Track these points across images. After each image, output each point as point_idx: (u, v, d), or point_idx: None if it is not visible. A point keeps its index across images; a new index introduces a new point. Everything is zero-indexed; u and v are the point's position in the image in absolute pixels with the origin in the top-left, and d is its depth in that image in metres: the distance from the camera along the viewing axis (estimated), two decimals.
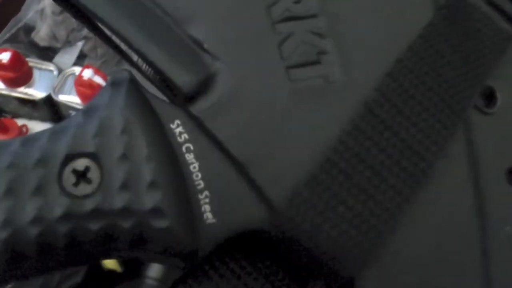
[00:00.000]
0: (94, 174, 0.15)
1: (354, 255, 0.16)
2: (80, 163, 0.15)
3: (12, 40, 0.54)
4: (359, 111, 0.16)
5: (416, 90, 0.17)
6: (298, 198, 0.16)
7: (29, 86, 0.50)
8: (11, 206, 0.14)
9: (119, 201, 0.15)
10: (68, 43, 0.55)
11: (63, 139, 0.15)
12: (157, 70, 0.16)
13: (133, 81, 0.16)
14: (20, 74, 0.48)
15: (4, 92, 0.49)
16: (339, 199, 0.16)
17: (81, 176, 0.15)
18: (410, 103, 0.17)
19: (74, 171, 0.15)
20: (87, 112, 0.16)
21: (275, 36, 0.17)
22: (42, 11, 0.54)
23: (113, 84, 0.16)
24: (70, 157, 0.15)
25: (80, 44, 0.55)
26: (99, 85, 0.47)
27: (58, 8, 0.54)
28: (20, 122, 0.50)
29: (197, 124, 0.16)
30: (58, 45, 0.55)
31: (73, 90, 0.49)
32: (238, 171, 0.16)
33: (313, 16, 0.17)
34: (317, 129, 0.16)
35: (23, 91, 0.49)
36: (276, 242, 0.16)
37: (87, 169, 0.15)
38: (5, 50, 0.47)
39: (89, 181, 0.15)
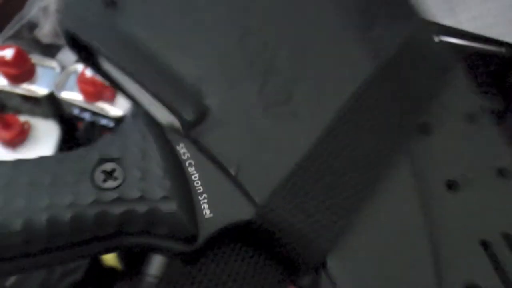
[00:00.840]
0: (118, 174, 0.20)
1: (322, 241, 0.21)
2: (109, 166, 0.20)
3: (15, 37, 0.54)
4: (319, 135, 0.22)
5: (357, 132, 0.23)
6: (276, 195, 0.21)
7: (32, 83, 0.50)
8: (54, 193, 0.19)
9: (137, 192, 0.20)
10: None
11: (96, 148, 0.21)
12: (168, 106, 0.21)
13: (147, 113, 0.22)
14: (23, 71, 0.48)
15: (7, 88, 0.49)
16: (309, 197, 0.21)
17: (109, 174, 0.20)
18: (352, 145, 0.23)
19: (104, 171, 0.20)
20: (116, 132, 0.22)
21: (256, 82, 0.23)
22: (45, 8, 0.54)
23: (133, 115, 0.22)
24: (101, 161, 0.20)
25: None
26: (101, 83, 0.47)
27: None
28: (22, 118, 0.51)
29: (196, 145, 0.21)
30: (61, 42, 0.55)
31: (76, 87, 0.49)
32: (228, 177, 0.21)
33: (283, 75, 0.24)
34: (288, 144, 0.22)
35: (25, 88, 0.50)
36: (261, 232, 0.21)
37: (113, 170, 0.20)
38: (9, 47, 0.47)
39: (114, 179, 0.20)
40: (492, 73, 0.59)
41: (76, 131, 0.54)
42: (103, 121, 0.50)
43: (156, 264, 0.51)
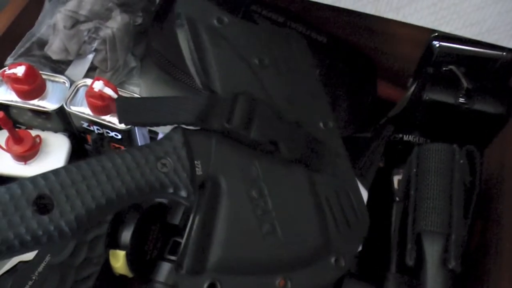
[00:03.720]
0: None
1: None
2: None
3: (26, 54, 0.56)
4: None
5: None
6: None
7: (43, 98, 0.52)
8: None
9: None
10: (79, 56, 0.57)
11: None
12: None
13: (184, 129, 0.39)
14: (34, 87, 0.50)
15: (18, 104, 0.51)
16: None
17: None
18: None
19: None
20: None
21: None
22: (54, 26, 0.56)
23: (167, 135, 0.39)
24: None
25: (90, 56, 0.57)
26: (109, 97, 0.49)
27: (69, 23, 0.56)
28: (34, 133, 0.52)
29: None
30: (70, 58, 0.57)
31: (84, 101, 0.51)
32: None
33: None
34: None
35: (36, 103, 0.51)
36: None
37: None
38: (20, 64, 0.49)
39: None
40: (494, 77, 0.60)
41: (85, 144, 0.56)
42: (111, 134, 0.52)
43: (164, 271, 0.53)
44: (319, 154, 0.43)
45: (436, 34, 0.58)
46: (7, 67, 0.50)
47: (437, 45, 0.59)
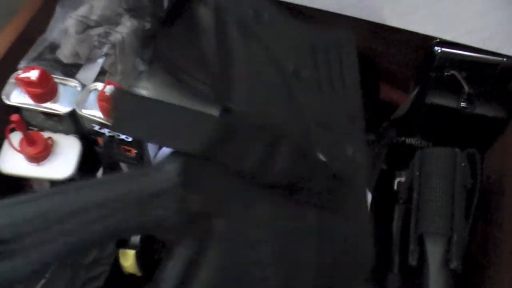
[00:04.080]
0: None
1: None
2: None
3: (38, 58, 0.57)
4: None
5: None
6: None
7: (55, 102, 0.53)
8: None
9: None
10: (90, 60, 0.58)
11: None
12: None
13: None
14: (46, 90, 0.51)
15: (31, 107, 0.53)
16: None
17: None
18: None
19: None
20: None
21: None
22: (66, 31, 0.57)
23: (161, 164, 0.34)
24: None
25: (100, 60, 0.58)
26: None
27: (80, 28, 0.57)
28: (46, 135, 0.54)
29: None
30: (81, 62, 0.58)
31: (95, 104, 0.52)
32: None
33: None
34: None
35: (49, 106, 0.53)
36: None
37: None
38: (33, 68, 0.50)
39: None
40: (494, 82, 0.61)
41: (96, 146, 0.57)
42: (122, 136, 0.53)
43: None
44: (337, 196, 0.39)
45: (438, 40, 0.59)
46: (20, 71, 0.51)
47: (439, 51, 0.60)
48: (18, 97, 0.53)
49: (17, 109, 0.53)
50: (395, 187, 0.60)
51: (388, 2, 0.46)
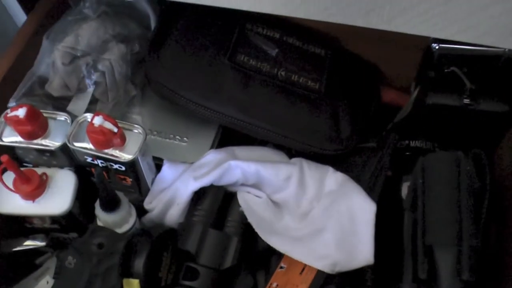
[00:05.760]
0: None
1: None
2: None
3: (28, 94, 0.57)
4: None
5: None
6: None
7: (46, 137, 0.52)
8: None
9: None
10: (80, 90, 0.58)
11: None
12: None
13: None
14: (36, 127, 0.51)
15: (23, 144, 0.52)
16: None
17: None
18: None
19: None
20: None
21: None
22: (53, 63, 0.57)
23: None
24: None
25: (91, 90, 0.58)
26: (110, 131, 0.49)
27: (67, 59, 0.57)
28: (40, 170, 0.53)
29: None
30: (70, 93, 0.57)
31: (87, 136, 0.51)
32: None
33: None
34: None
35: (40, 142, 0.52)
36: None
37: None
38: (21, 106, 0.50)
39: None
40: (497, 75, 0.59)
41: (92, 176, 0.57)
42: (115, 166, 0.52)
43: None
44: None
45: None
46: (9, 109, 0.51)
47: (436, 47, 0.58)
48: (9, 136, 0.53)
49: (10, 148, 0.53)
50: (403, 193, 0.58)
51: (373, 8, 0.44)
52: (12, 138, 0.52)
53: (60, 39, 0.58)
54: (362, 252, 0.53)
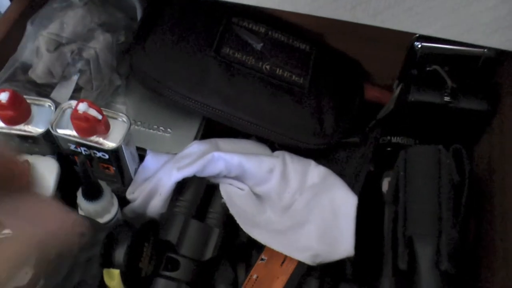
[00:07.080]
0: None
1: None
2: None
3: (10, 79, 0.56)
4: None
5: None
6: None
7: (28, 123, 0.52)
8: None
9: None
10: (64, 77, 0.57)
11: None
12: None
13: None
14: (18, 112, 0.50)
15: (4, 130, 0.51)
16: None
17: None
18: None
19: None
20: None
21: None
22: (37, 49, 0.56)
23: None
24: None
25: (75, 78, 0.57)
26: (94, 118, 0.49)
27: (52, 45, 0.56)
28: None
29: None
30: (55, 80, 0.57)
31: (70, 123, 0.51)
32: None
33: None
34: None
35: (22, 128, 0.51)
36: None
37: None
38: (3, 91, 0.49)
39: None
40: (477, 75, 0.60)
41: (75, 165, 0.56)
42: (99, 154, 0.52)
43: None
44: None
45: (418, 35, 0.58)
46: None
47: (419, 46, 0.59)
48: None
49: None
50: (384, 188, 0.59)
51: (359, 3, 0.45)
52: None
53: (45, 25, 0.57)
54: (343, 244, 0.54)
